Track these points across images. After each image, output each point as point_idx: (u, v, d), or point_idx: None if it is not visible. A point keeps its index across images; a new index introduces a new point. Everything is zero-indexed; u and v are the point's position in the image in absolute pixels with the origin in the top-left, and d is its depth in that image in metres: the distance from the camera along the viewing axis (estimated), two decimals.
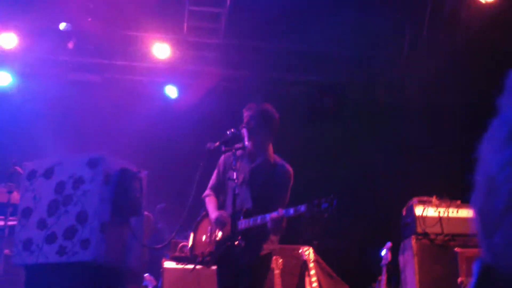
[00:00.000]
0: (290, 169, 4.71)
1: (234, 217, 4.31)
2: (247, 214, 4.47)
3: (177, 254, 6.03)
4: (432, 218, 6.07)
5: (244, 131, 4.65)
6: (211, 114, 7.95)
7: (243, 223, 4.43)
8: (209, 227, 4.63)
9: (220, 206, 4.69)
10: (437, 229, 6.03)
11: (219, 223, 4.50)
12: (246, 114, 4.70)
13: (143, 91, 8.18)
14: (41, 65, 7.91)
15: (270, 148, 4.75)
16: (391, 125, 7.86)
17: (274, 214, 4.23)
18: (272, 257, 4.78)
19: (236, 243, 4.32)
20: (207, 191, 4.81)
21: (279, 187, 4.60)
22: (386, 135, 7.86)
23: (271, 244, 4.61)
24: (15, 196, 5.82)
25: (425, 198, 6.22)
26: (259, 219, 4.38)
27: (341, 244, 7.48)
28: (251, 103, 4.77)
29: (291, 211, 4.23)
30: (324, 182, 7.26)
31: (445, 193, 6.23)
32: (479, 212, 1.11)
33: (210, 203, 4.72)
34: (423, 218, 6.06)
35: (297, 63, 8.19)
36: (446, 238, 6.00)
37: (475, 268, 1.14)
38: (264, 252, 4.55)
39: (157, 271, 6.16)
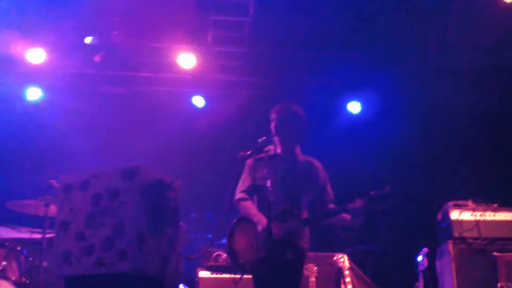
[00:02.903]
0: (320, 164, 4.69)
1: (270, 224, 4.29)
2: (293, 216, 4.46)
3: (211, 263, 6.01)
4: (469, 222, 5.96)
5: (276, 139, 4.64)
6: (239, 122, 7.96)
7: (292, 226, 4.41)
8: (252, 232, 4.52)
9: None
10: (474, 233, 5.91)
11: (267, 233, 4.42)
12: (273, 116, 4.68)
13: (170, 102, 8.21)
14: (70, 80, 7.99)
15: (298, 148, 4.72)
16: (426, 127, 7.78)
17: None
18: (306, 255, 4.66)
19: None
20: (242, 194, 4.72)
21: (316, 183, 4.59)
22: (421, 138, 7.78)
23: (305, 243, 4.58)
24: (52, 209, 5.88)
25: (461, 202, 6.11)
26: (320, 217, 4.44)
27: (376, 250, 7.39)
28: (278, 104, 4.74)
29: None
30: (356, 185, 7.18)
31: (481, 197, 6.13)
32: None
33: (252, 207, 4.63)
34: (460, 222, 5.96)
35: (322, 68, 8.15)
36: (484, 242, 5.88)
37: None
38: (300, 249, 4.52)
39: (192, 281, 6.15)
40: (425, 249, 6.05)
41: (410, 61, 7.78)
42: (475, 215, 5.98)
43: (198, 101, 8.25)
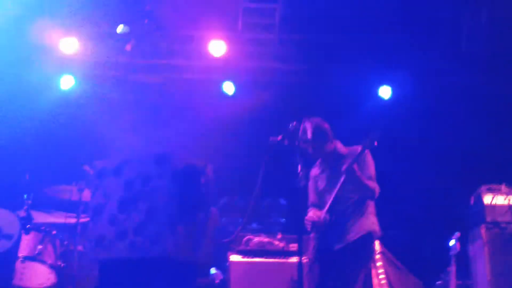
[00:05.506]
0: (356, 148, 4.66)
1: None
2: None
3: (242, 247, 6.07)
4: (502, 207, 5.89)
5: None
6: (269, 108, 7.97)
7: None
8: None
9: None
10: (507, 218, 5.84)
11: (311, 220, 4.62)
12: (303, 145, 4.65)
13: (201, 89, 8.27)
14: (102, 68, 8.10)
15: (338, 144, 4.79)
16: (458, 111, 7.68)
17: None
18: (373, 240, 4.70)
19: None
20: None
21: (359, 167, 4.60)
22: (453, 122, 7.68)
23: (367, 225, 4.60)
24: (86, 194, 6.02)
25: (494, 186, 6.03)
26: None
27: (407, 234, 7.35)
28: (300, 133, 4.62)
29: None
30: (388, 170, 7.13)
31: None
32: None
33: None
34: (493, 207, 5.89)
35: (354, 54, 8.08)
36: None
37: None
38: (360, 234, 4.55)
39: (223, 265, 6.22)
40: (458, 233, 5.98)
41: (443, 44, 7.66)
42: (509, 199, 5.91)
43: (229, 88, 8.28)
